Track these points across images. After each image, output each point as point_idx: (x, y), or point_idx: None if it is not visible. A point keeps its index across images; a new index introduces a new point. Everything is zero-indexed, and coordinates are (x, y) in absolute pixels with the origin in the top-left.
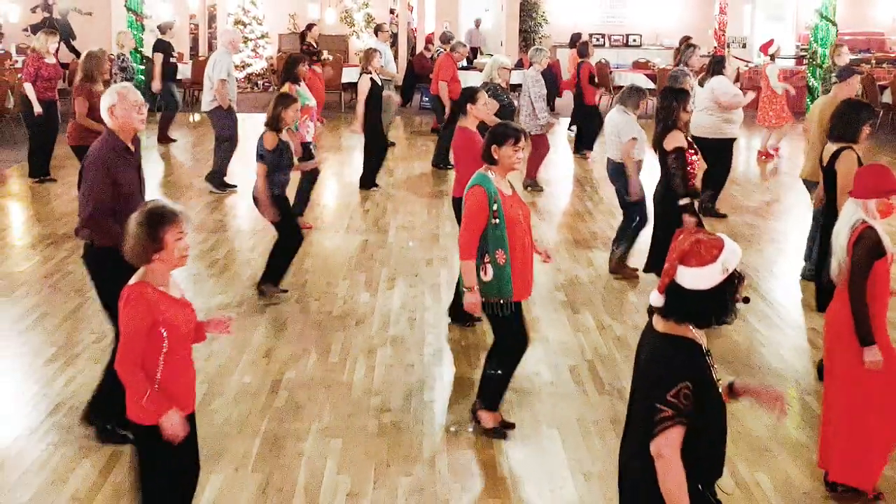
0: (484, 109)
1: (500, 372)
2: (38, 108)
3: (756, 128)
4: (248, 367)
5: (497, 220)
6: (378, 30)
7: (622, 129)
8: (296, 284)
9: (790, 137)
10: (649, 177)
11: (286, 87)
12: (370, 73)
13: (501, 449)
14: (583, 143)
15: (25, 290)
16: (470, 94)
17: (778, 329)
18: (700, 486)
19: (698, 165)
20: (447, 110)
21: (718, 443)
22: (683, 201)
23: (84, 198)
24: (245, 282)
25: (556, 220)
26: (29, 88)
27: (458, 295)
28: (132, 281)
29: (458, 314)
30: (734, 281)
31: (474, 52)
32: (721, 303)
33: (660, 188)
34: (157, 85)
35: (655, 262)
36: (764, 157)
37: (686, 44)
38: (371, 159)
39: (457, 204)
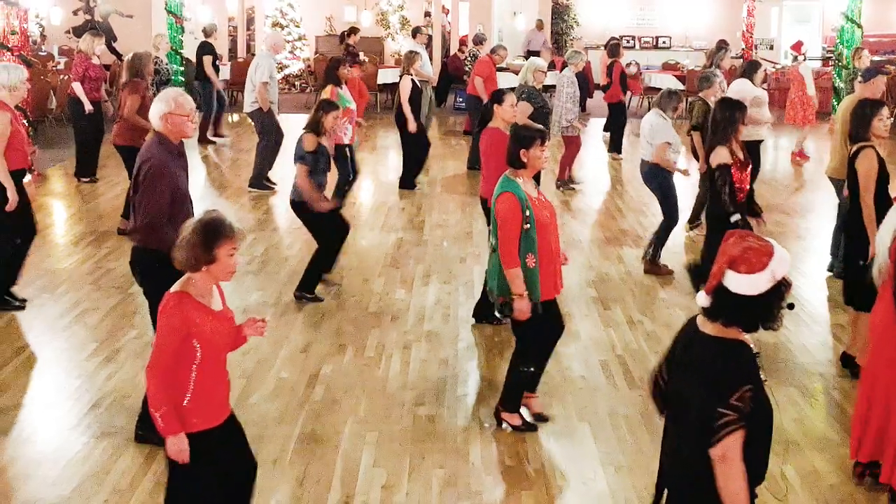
0: (510, 111)
1: (532, 369)
2: (88, 106)
3: (784, 128)
4: (286, 362)
5: (528, 226)
6: (416, 32)
7: (656, 132)
8: (333, 281)
9: (816, 137)
10: (685, 182)
11: (328, 90)
12: (411, 74)
13: (534, 442)
14: (612, 143)
15: (67, 286)
16: (497, 96)
17: (804, 325)
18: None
19: (746, 180)
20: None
21: (765, 447)
22: (734, 218)
23: (142, 202)
24: (282, 279)
25: (587, 219)
26: (78, 88)
27: (483, 296)
28: (173, 289)
29: (482, 314)
30: (781, 288)
31: (534, 54)
32: (767, 309)
33: (711, 201)
34: (219, 85)
35: (705, 273)
36: (798, 158)
37: (718, 45)
38: (411, 160)
39: (485, 203)
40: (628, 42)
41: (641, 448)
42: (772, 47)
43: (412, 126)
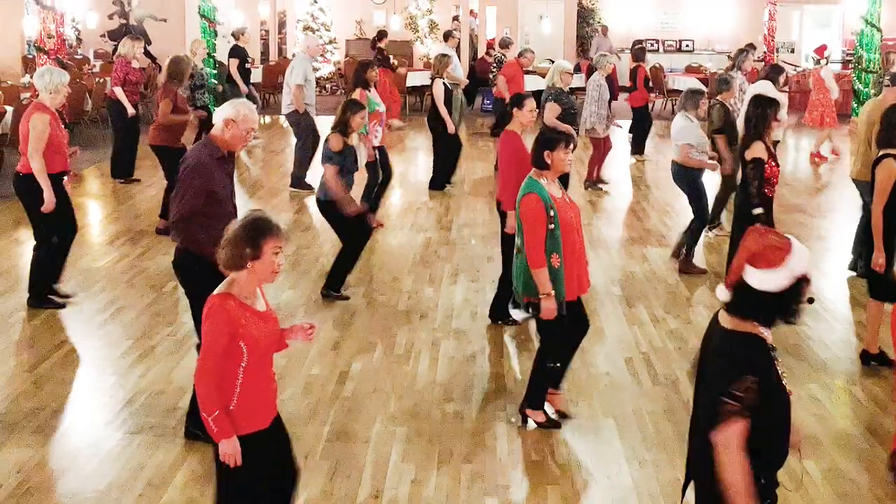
0: (529, 116)
1: (558, 365)
2: (131, 110)
3: (805, 129)
4: (316, 359)
5: (553, 226)
6: (448, 36)
7: (681, 134)
8: (363, 280)
9: (837, 139)
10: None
11: (357, 93)
12: (443, 77)
13: (559, 437)
14: (635, 145)
15: (103, 285)
16: (517, 100)
17: (825, 322)
18: (762, 480)
19: (777, 176)
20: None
21: (782, 438)
22: (757, 211)
23: (176, 201)
24: (314, 277)
25: (612, 219)
26: (119, 92)
27: (498, 296)
28: (217, 291)
29: (498, 315)
30: (800, 284)
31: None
32: (786, 304)
33: (740, 194)
34: (244, 88)
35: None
36: (817, 159)
37: (740, 48)
38: (441, 161)
39: (499, 206)
40: (652, 45)
41: (665, 444)
42: (793, 50)
43: (451, 128)
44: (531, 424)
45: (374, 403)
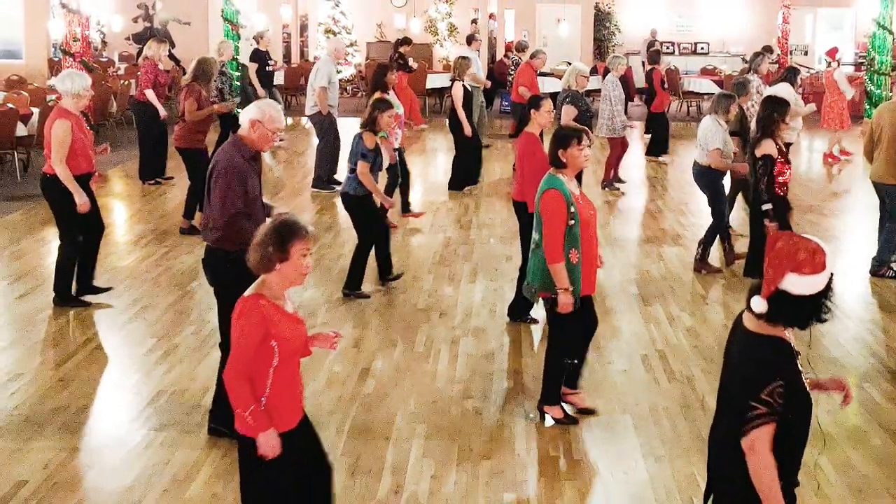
0: (547, 116)
1: (575, 361)
2: (163, 112)
3: (819, 131)
4: (338, 356)
5: (573, 222)
6: (471, 39)
7: (710, 137)
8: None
9: (850, 140)
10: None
11: (376, 96)
12: (462, 80)
13: (577, 433)
14: (654, 148)
15: (128, 284)
16: (535, 102)
17: (838, 321)
18: (781, 481)
19: (789, 174)
20: None
21: (802, 440)
22: (766, 206)
23: (219, 203)
24: (336, 276)
25: (628, 218)
26: (150, 94)
27: (518, 295)
28: (248, 292)
29: (517, 314)
30: (830, 286)
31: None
32: (817, 306)
33: (752, 193)
34: (261, 91)
35: (753, 265)
36: (830, 160)
37: (756, 52)
38: (461, 162)
39: (517, 207)
40: (668, 48)
41: (681, 440)
42: (806, 53)
43: (468, 130)
44: (549, 421)
45: (394, 400)
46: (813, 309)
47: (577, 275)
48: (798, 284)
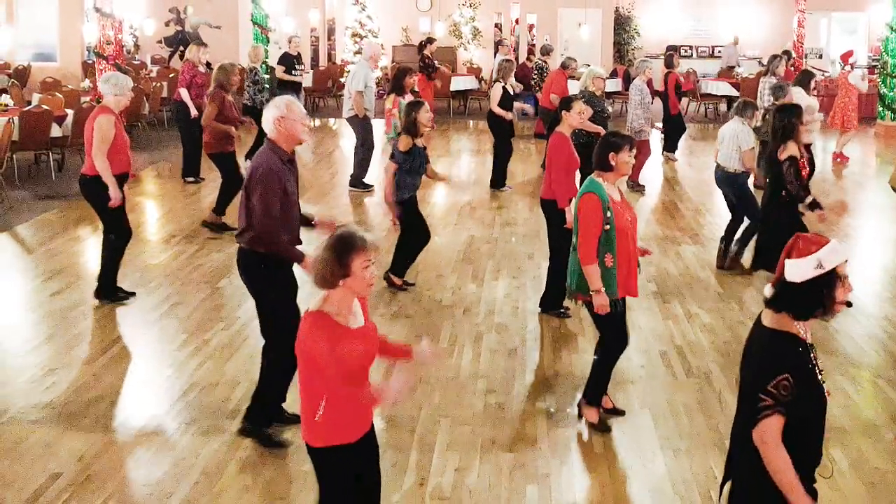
0: (577, 117)
1: (602, 360)
2: (194, 112)
3: (831, 132)
4: None
5: (608, 227)
6: (499, 45)
7: (742, 139)
8: (409, 276)
9: (861, 141)
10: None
11: (391, 99)
12: (505, 82)
13: (597, 427)
14: (668, 146)
15: (160, 281)
16: (566, 103)
17: (852, 317)
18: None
19: (806, 174)
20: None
21: (817, 434)
22: (807, 200)
23: (257, 206)
24: None
25: (647, 217)
26: (185, 94)
27: (549, 287)
28: (311, 307)
29: (548, 305)
30: (830, 278)
31: (731, 69)
32: (815, 297)
33: (765, 196)
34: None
35: (762, 261)
36: (839, 160)
37: (774, 54)
38: (501, 162)
39: (545, 205)
40: (686, 51)
41: (699, 433)
42: (821, 56)
43: (509, 115)
44: (583, 420)
45: (419, 394)
46: (807, 299)
47: (612, 278)
48: (790, 271)
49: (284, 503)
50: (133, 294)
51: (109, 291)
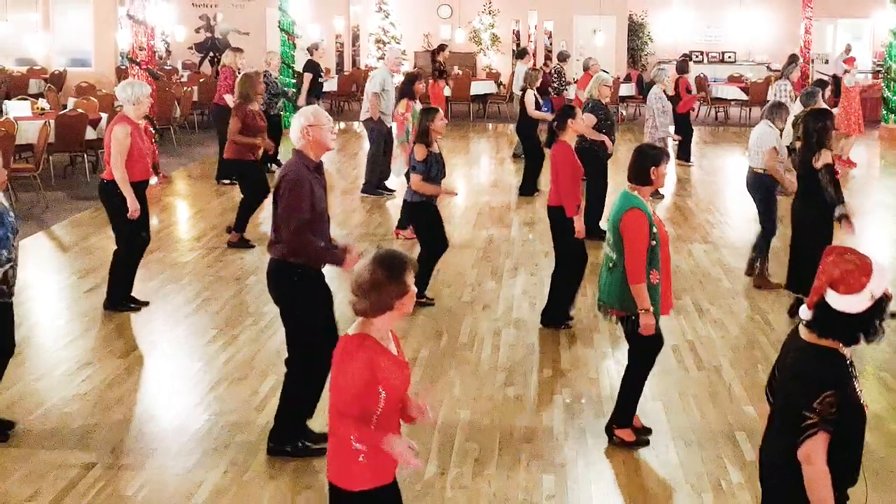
0: (581, 124)
1: (636, 380)
2: None
3: (838, 135)
4: None
5: (654, 242)
6: (523, 53)
7: (764, 140)
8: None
9: (866, 144)
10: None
11: (403, 103)
12: (534, 89)
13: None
14: (681, 154)
15: (190, 278)
16: (570, 110)
17: None
18: (836, 492)
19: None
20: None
21: (856, 453)
22: (839, 211)
23: (286, 215)
24: None
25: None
26: (229, 98)
27: (552, 300)
28: (352, 331)
29: (551, 318)
30: (882, 303)
31: (837, 80)
32: (868, 325)
33: (799, 203)
34: (302, 100)
35: (796, 278)
36: (846, 165)
37: (789, 59)
38: (531, 168)
39: (552, 212)
40: (697, 57)
41: (710, 425)
42: (827, 61)
43: (550, 116)
44: (617, 441)
45: (440, 388)
46: (857, 326)
47: (657, 296)
48: (836, 301)
49: (312, 492)
50: (146, 303)
51: (117, 301)
